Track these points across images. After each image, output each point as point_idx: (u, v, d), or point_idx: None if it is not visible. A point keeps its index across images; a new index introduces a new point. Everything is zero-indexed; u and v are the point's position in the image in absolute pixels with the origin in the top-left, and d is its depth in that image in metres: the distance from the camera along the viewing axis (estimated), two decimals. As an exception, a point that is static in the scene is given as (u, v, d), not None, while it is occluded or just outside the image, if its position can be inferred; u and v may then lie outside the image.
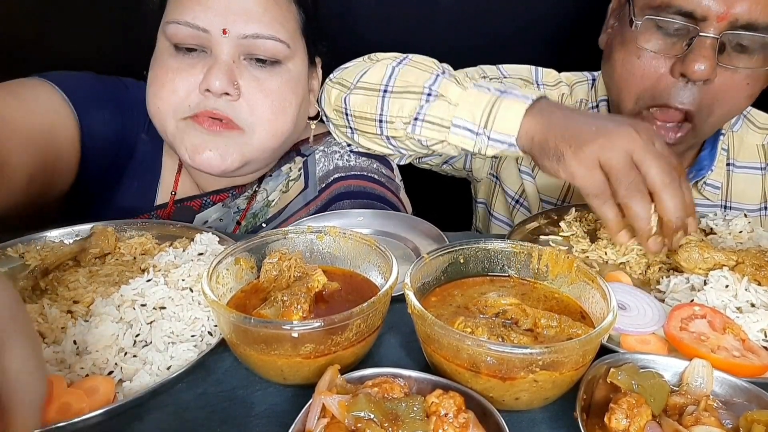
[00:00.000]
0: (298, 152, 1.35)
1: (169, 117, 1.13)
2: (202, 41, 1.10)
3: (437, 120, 1.09)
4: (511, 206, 1.48)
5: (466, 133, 1.07)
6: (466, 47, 1.53)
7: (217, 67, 1.09)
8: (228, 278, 0.80)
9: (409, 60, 1.19)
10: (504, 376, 0.64)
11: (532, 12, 1.72)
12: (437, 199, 1.65)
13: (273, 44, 1.12)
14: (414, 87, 1.12)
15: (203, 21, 1.09)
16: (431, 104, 1.10)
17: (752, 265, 0.89)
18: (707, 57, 1.06)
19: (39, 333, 0.79)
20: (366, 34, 1.66)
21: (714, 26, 1.05)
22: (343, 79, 1.23)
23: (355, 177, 1.29)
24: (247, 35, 1.10)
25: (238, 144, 1.14)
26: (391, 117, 1.15)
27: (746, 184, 1.36)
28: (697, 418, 0.62)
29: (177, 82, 1.11)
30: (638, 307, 0.83)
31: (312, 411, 0.60)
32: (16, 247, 1.00)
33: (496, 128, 1.03)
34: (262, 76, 1.14)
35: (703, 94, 1.12)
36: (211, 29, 1.09)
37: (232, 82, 1.10)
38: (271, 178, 1.31)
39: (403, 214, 1.16)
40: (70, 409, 0.67)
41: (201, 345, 0.78)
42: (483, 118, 1.04)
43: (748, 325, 0.80)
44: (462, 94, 1.08)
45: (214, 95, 1.10)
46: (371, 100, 1.17)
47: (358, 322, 0.69)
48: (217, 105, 1.11)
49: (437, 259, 0.81)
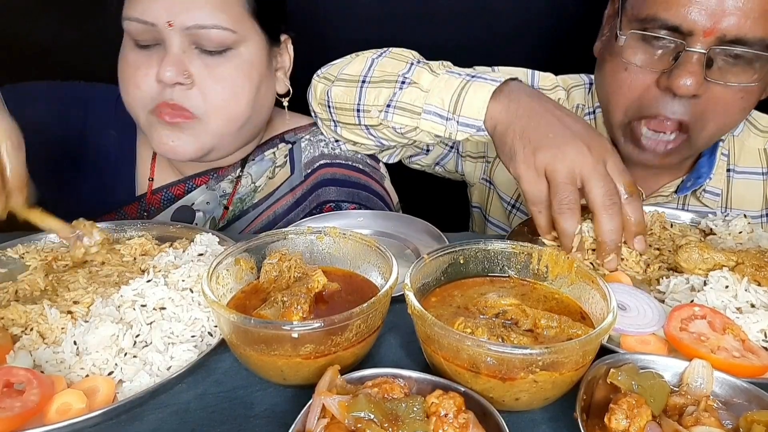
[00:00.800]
0: (282, 139, 1.37)
1: (139, 110, 1.19)
2: (153, 35, 1.13)
3: (409, 106, 1.11)
4: (508, 211, 1.47)
5: (436, 118, 1.08)
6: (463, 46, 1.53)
7: (168, 58, 1.12)
8: (228, 279, 0.80)
9: (388, 52, 1.21)
10: (504, 377, 0.64)
11: (529, 11, 1.72)
12: (437, 200, 1.65)
13: (217, 33, 1.14)
14: (389, 76, 1.15)
15: (150, 15, 1.12)
16: (404, 91, 1.12)
17: (752, 265, 0.89)
18: (693, 72, 1.04)
19: (39, 333, 0.79)
20: (363, 34, 1.66)
21: (701, 41, 1.03)
22: (328, 74, 1.27)
23: (340, 165, 1.33)
24: (190, 26, 1.12)
25: (195, 132, 1.18)
26: (367, 106, 1.17)
27: (747, 189, 1.32)
28: (697, 419, 0.62)
29: (138, 77, 1.16)
30: (638, 307, 0.83)
31: (312, 411, 0.60)
32: (16, 248, 1.01)
33: (464, 112, 1.04)
34: (212, 63, 1.16)
35: (693, 107, 1.10)
36: (158, 22, 1.11)
37: (182, 71, 1.13)
38: (254, 163, 1.34)
39: (403, 215, 1.16)
40: (70, 409, 0.67)
41: (201, 345, 0.78)
42: (452, 103, 1.06)
43: (748, 325, 0.80)
44: (434, 80, 1.10)
45: (167, 85, 1.13)
46: (350, 91, 1.20)
47: (358, 322, 0.69)
48: (173, 95, 1.15)
49: (437, 260, 0.81)
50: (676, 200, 1.32)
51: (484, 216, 1.54)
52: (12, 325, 0.81)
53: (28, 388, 0.67)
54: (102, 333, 0.76)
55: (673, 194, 1.31)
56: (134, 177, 1.36)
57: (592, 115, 1.37)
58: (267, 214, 1.32)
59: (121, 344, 0.76)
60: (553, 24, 1.73)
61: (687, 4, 1.02)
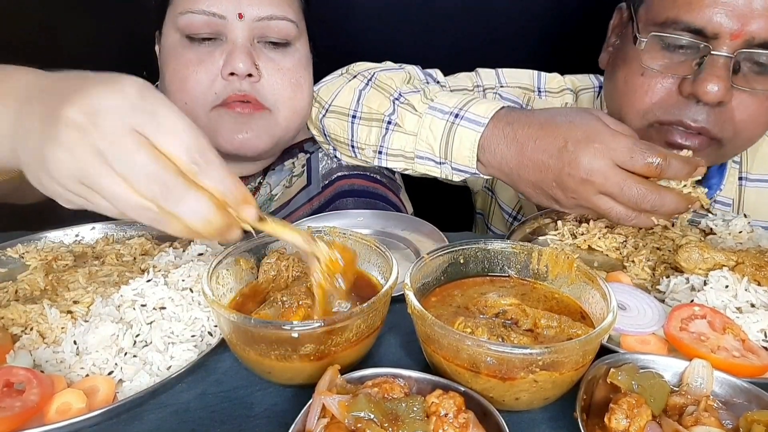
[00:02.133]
0: (301, 149, 1.37)
1: (198, 109, 1.16)
2: (218, 28, 1.14)
3: (400, 152, 1.13)
4: (509, 222, 1.45)
5: (429, 163, 1.10)
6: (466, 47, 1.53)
7: (238, 50, 1.13)
8: (228, 278, 0.80)
9: (373, 82, 1.21)
10: (504, 377, 0.64)
11: (532, 11, 1.72)
12: (437, 200, 1.65)
13: (285, 24, 1.16)
14: (376, 114, 1.16)
15: (218, 7, 1.12)
16: (391, 136, 1.13)
17: (752, 265, 0.89)
18: (721, 77, 0.97)
19: (39, 333, 0.79)
20: (365, 35, 1.67)
21: (727, 44, 0.96)
22: (320, 98, 1.27)
23: (358, 176, 1.32)
24: (262, 17, 1.14)
25: (268, 124, 1.19)
26: (361, 144, 1.19)
27: (760, 198, 1.25)
28: (697, 419, 0.62)
29: (200, 73, 1.15)
30: (638, 307, 0.83)
31: (312, 411, 0.60)
32: (16, 248, 1.01)
33: (455, 160, 1.05)
34: (276, 57, 1.18)
35: (720, 115, 1.03)
36: (227, 14, 1.12)
37: (253, 63, 1.14)
38: (274, 172, 1.34)
39: (404, 215, 1.16)
40: (70, 409, 0.67)
41: (201, 345, 0.78)
42: (441, 151, 1.06)
43: (748, 325, 0.80)
44: (417, 122, 1.09)
45: (239, 78, 1.14)
46: (343, 125, 1.21)
47: (358, 322, 0.69)
48: (243, 87, 1.15)
49: (437, 260, 0.81)
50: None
51: (486, 224, 1.52)
52: (12, 324, 0.81)
53: (28, 388, 0.67)
54: (102, 333, 0.76)
55: None
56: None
57: None
58: None
59: (121, 344, 0.76)
60: (556, 23, 1.73)
61: (712, 5, 0.96)
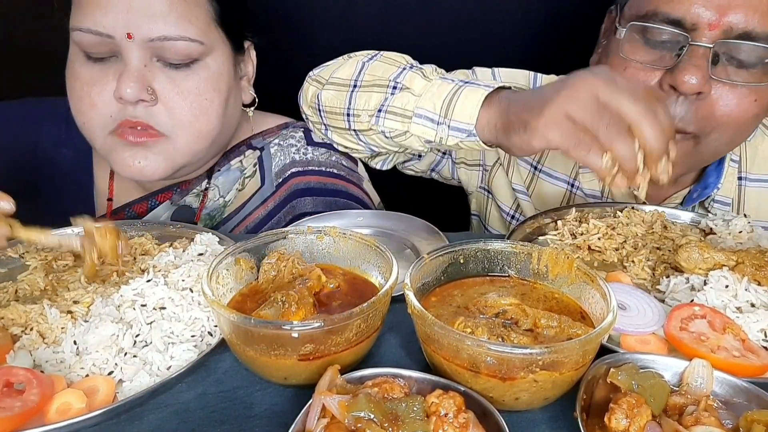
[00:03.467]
0: (249, 145, 1.29)
1: (96, 131, 1.10)
2: (109, 47, 1.04)
3: (400, 110, 1.08)
4: (508, 222, 1.44)
5: (426, 122, 1.05)
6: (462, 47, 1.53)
7: (127, 73, 1.03)
8: (228, 278, 0.80)
9: (380, 56, 1.18)
10: (504, 376, 0.64)
11: (530, 11, 1.72)
12: (437, 200, 1.65)
13: (184, 45, 1.05)
14: (380, 80, 1.12)
15: (106, 26, 1.02)
16: (395, 96, 1.09)
17: (752, 265, 0.89)
18: (699, 67, 0.98)
19: (39, 333, 0.79)
20: (363, 35, 1.66)
21: (706, 35, 0.98)
22: (319, 77, 1.23)
23: (313, 173, 1.25)
24: (153, 38, 1.03)
25: (165, 151, 1.10)
26: (357, 110, 1.14)
27: (761, 198, 1.24)
28: (697, 418, 0.62)
29: (93, 95, 1.06)
30: (638, 307, 0.83)
31: (312, 411, 0.60)
32: (16, 248, 1.01)
33: (455, 116, 1.01)
34: (178, 77, 1.08)
35: (699, 109, 1.03)
36: (115, 34, 1.02)
37: (145, 87, 1.04)
38: (220, 173, 1.27)
39: (403, 215, 1.16)
40: (70, 409, 0.67)
41: (201, 345, 0.78)
42: (443, 107, 1.02)
43: (748, 325, 0.80)
44: (426, 85, 1.07)
45: (129, 103, 1.05)
46: (341, 95, 1.16)
47: (358, 322, 0.69)
48: (135, 113, 1.06)
49: (437, 260, 0.81)
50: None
51: (483, 224, 1.51)
52: (12, 324, 0.81)
53: (28, 388, 0.67)
54: (102, 333, 0.76)
55: (679, 206, 1.24)
56: (93, 197, 1.28)
57: None
58: (239, 229, 1.26)
59: (121, 344, 0.76)
60: (552, 24, 1.73)
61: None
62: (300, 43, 1.70)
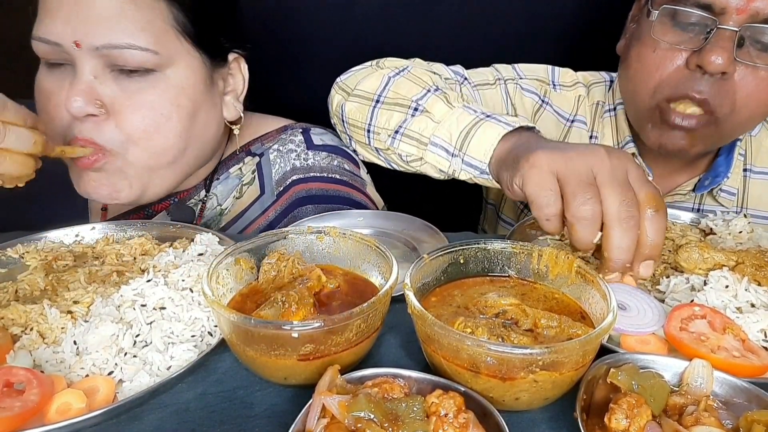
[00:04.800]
0: (248, 152, 1.25)
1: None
2: (62, 56, 0.99)
3: (417, 135, 1.07)
4: (520, 210, 1.47)
5: (441, 152, 1.04)
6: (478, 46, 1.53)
7: (75, 86, 0.99)
8: (228, 278, 0.80)
9: (407, 72, 1.17)
10: (504, 377, 0.64)
11: (545, 10, 1.72)
12: (437, 200, 1.65)
13: (133, 54, 0.99)
14: (403, 100, 1.11)
15: (53, 34, 0.98)
16: (415, 119, 1.08)
17: (752, 265, 0.89)
18: (725, 48, 1.04)
19: (39, 333, 0.79)
20: (374, 33, 1.65)
21: (733, 19, 1.04)
22: (345, 85, 1.22)
23: (315, 179, 1.22)
24: (99, 47, 0.97)
25: (119, 171, 1.05)
26: (378, 128, 1.14)
27: (763, 189, 1.33)
28: (697, 419, 0.62)
29: (49, 107, 1.03)
30: (638, 307, 0.83)
31: (312, 411, 0.60)
32: (16, 248, 1.01)
33: (470, 152, 0.99)
34: (132, 88, 1.02)
35: (722, 87, 1.09)
36: (63, 42, 0.98)
37: (93, 100, 0.99)
38: (219, 182, 1.23)
39: (403, 215, 1.16)
40: (70, 409, 0.67)
41: (201, 345, 0.78)
42: (460, 140, 1.01)
43: (748, 325, 0.80)
44: (447, 112, 1.05)
45: (77, 118, 1.00)
46: (363, 109, 1.15)
47: (358, 322, 0.69)
48: (83, 131, 1.01)
49: (437, 260, 0.81)
50: (692, 198, 1.33)
51: (497, 213, 1.54)
52: (12, 325, 0.81)
53: (28, 388, 0.66)
54: (102, 333, 0.76)
55: (690, 192, 1.32)
56: (87, 206, 1.25)
57: (613, 113, 1.36)
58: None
59: (121, 344, 0.76)
60: (571, 22, 1.73)
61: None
62: (300, 43, 1.70)
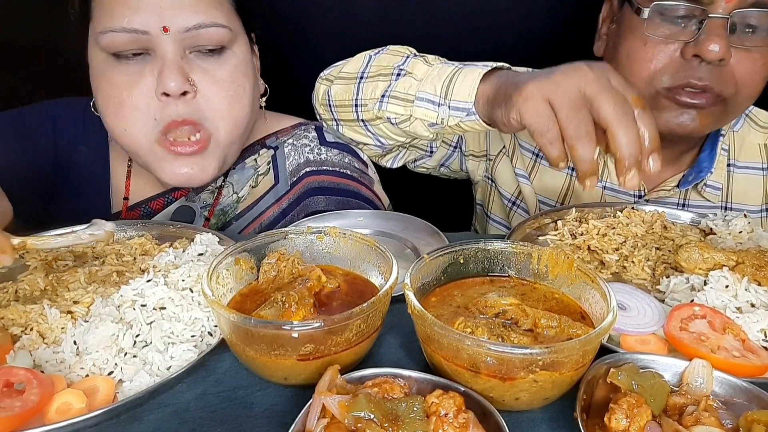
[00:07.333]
0: (263, 144, 1.32)
1: (141, 139, 1.10)
2: (144, 44, 1.05)
3: (402, 95, 1.11)
4: (508, 208, 1.48)
5: (428, 104, 1.08)
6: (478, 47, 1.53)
7: (168, 67, 1.05)
8: (228, 278, 0.80)
9: (386, 49, 1.22)
10: (504, 377, 0.64)
11: (534, 12, 1.72)
12: (437, 199, 1.65)
13: (217, 31, 1.08)
14: (386, 69, 1.16)
15: (140, 23, 1.03)
16: (399, 81, 1.12)
17: (752, 265, 0.89)
18: (721, 36, 1.07)
19: (39, 333, 0.79)
20: (365, 35, 1.66)
21: (722, 6, 1.07)
22: (329, 75, 1.27)
23: (327, 173, 1.28)
24: (189, 28, 1.05)
25: (213, 153, 1.13)
26: (364, 100, 1.18)
27: (747, 184, 1.35)
28: (697, 418, 0.62)
29: (134, 97, 1.06)
30: (638, 307, 0.83)
31: (312, 411, 0.60)
32: (16, 248, 1.00)
33: (455, 96, 1.03)
34: (211, 67, 1.10)
35: (721, 73, 1.12)
36: (151, 29, 1.04)
37: (186, 78, 1.06)
38: (235, 171, 1.28)
39: (403, 215, 1.16)
40: (70, 409, 0.67)
41: (201, 345, 0.78)
42: (443, 89, 1.05)
43: (748, 325, 0.80)
44: (428, 69, 1.10)
45: (174, 98, 1.06)
46: (349, 88, 1.20)
47: (358, 322, 0.69)
48: (179, 111, 1.07)
49: (437, 260, 0.81)
50: (677, 194, 1.34)
51: (486, 213, 1.55)
52: (12, 325, 0.81)
53: (28, 388, 0.67)
54: (102, 333, 0.76)
55: (675, 188, 1.32)
56: (109, 193, 1.29)
57: None
58: (253, 227, 1.27)
59: (121, 344, 0.76)
60: (553, 24, 1.73)
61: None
62: (300, 44, 1.70)
